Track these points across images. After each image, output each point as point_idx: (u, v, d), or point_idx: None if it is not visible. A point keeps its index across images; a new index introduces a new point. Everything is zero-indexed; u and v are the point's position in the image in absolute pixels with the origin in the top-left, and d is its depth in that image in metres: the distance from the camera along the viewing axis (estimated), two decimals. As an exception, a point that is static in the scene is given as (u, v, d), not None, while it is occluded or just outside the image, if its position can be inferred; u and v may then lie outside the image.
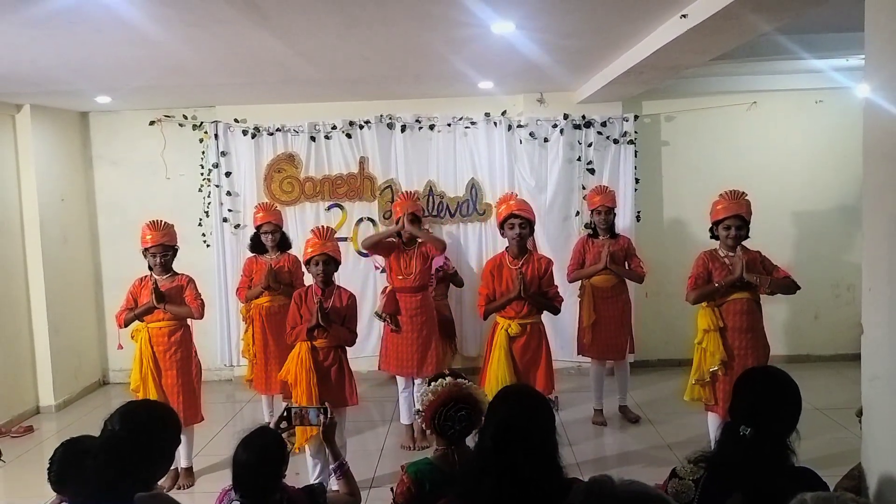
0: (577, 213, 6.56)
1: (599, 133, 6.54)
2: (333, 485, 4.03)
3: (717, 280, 4.20)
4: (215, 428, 5.64)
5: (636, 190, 6.59)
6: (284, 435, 2.74)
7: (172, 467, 4.52)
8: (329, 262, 4.28)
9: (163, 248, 4.55)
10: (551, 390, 4.65)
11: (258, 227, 5.47)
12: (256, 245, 5.50)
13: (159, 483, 2.27)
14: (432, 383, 2.67)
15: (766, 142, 6.77)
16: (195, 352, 4.78)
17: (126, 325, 4.62)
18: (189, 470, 4.75)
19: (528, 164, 6.61)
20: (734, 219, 4.23)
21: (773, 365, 2.41)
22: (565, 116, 6.53)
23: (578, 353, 5.65)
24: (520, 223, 4.48)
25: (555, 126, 6.56)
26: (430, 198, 6.74)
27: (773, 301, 6.82)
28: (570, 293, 5.68)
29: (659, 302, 6.68)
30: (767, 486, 2.04)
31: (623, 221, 6.56)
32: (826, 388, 5.88)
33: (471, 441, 2.45)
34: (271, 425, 2.81)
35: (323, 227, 4.53)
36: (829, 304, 6.89)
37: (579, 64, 5.17)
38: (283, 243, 5.48)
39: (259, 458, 2.46)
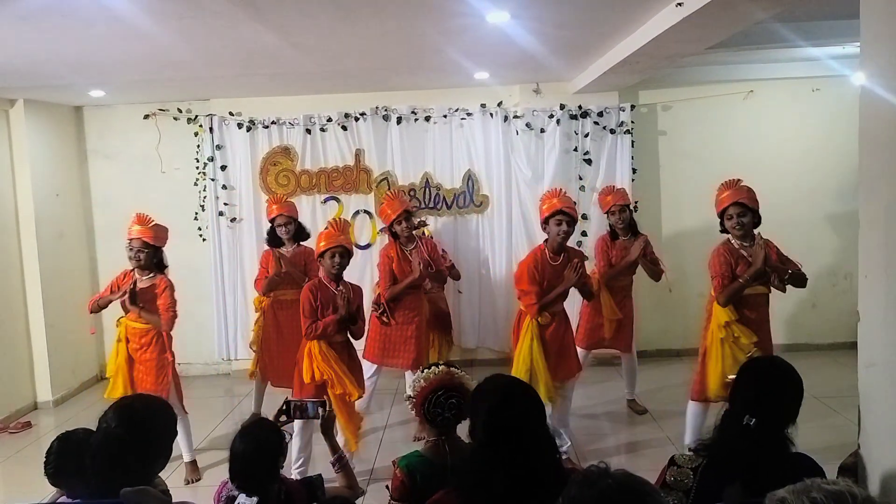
0: (575, 203, 6.53)
1: (596, 123, 6.52)
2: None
3: (741, 275, 4.13)
4: (214, 422, 5.65)
5: (633, 180, 6.57)
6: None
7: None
8: (345, 255, 4.33)
9: (143, 243, 4.45)
10: (579, 370, 4.74)
11: (272, 220, 5.45)
12: (273, 238, 5.45)
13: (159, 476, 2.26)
14: (425, 370, 2.69)
15: (763, 130, 6.77)
16: (170, 355, 4.60)
17: (93, 311, 4.64)
18: (193, 464, 4.75)
19: (525, 154, 6.60)
20: (735, 206, 4.18)
21: (777, 355, 2.40)
22: (562, 107, 6.51)
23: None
24: (567, 220, 4.47)
25: (551, 116, 6.54)
26: (427, 190, 6.72)
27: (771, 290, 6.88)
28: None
29: (657, 292, 6.67)
30: (766, 475, 2.04)
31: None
32: (823, 375, 5.89)
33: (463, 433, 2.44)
34: (271, 418, 2.81)
35: (340, 219, 4.56)
36: (826, 293, 6.89)
37: (575, 54, 5.15)
38: (299, 234, 5.47)
39: (257, 449, 2.47)
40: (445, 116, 6.64)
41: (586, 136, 6.54)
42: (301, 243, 5.48)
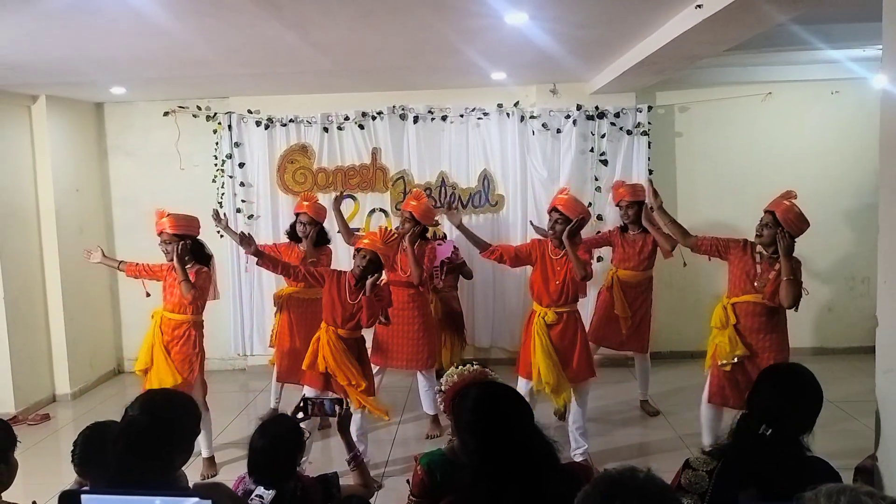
0: (590, 204, 6.53)
1: (613, 124, 6.50)
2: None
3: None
4: (230, 417, 5.69)
5: (650, 181, 6.55)
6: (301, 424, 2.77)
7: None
8: (374, 261, 4.29)
9: (170, 236, 4.51)
10: (591, 375, 4.65)
11: (297, 214, 5.42)
12: (292, 232, 5.44)
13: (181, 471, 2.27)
14: (460, 367, 2.70)
15: (781, 133, 6.72)
16: (199, 351, 4.68)
17: (132, 274, 4.79)
18: (211, 459, 4.79)
19: (541, 155, 6.59)
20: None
21: (798, 363, 2.36)
22: (578, 107, 6.50)
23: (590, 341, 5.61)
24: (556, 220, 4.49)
25: (568, 117, 6.52)
26: (443, 189, 6.74)
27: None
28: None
29: (672, 294, 6.67)
30: (782, 480, 2.04)
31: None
32: (840, 380, 5.84)
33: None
34: (289, 414, 2.84)
35: (386, 229, 4.55)
36: (843, 297, 6.85)
37: (593, 54, 5.14)
38: (320, 238, 5.38)
39: (275, 444, 2.51)
40: (462, 116, 6.65)
41: (603, 136, 6.53)
42: (321, 247, 5.42)
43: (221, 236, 6.80)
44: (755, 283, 4.09)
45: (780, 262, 3.96)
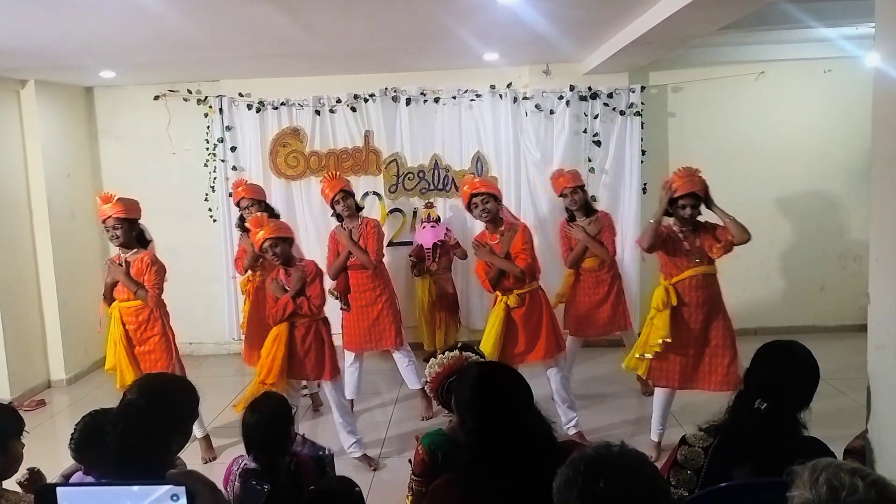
0: (583, 186, 6.51)
1: (606, 105, 6.49)
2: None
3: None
4: (226, 401, 5.70)
5: (642, 162, 6.56)
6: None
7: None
8: (277, 244, 4.30)
9: (115, 220, 4.44)
10: (559, 352, 4.70)
11: (237, 204, 5.41)
12: (242, 222, 5.39)
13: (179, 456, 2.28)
14: (440, 355, 2.72)
15: (774, 112, 6.72)
16: (169, 328, 4.63)
17: (108, 301, 4.65)
18: (206, 439, 4.81)
19: (534, 136, 6.58)
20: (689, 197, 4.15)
21: (795, 340, 2.38)
22: (571, 88, 6.48)
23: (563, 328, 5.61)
24: (482, 199, 4.56)
25: (561, 98, 6.51)
26: (436, 171, 6.73)
27: (777, 271, 6.90)
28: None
29: (656, 271, 6.68)
30: (777, 457, 2.06)
31: (629, 194, 6.55)
32: (831, 358, 5.79)
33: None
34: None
35: (261, 215, 4.54)
36: (835, 275, 6.88)
37: (586, 34, 5.12)
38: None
39: (267, 419, 2.56)
40: (455, 98, 6.62)
41: (596, 117, 6.51)
42: None
43: (214, 220, 6.82)
44: (691, 256, 4.20)
45: (717, 214, 4.11)
